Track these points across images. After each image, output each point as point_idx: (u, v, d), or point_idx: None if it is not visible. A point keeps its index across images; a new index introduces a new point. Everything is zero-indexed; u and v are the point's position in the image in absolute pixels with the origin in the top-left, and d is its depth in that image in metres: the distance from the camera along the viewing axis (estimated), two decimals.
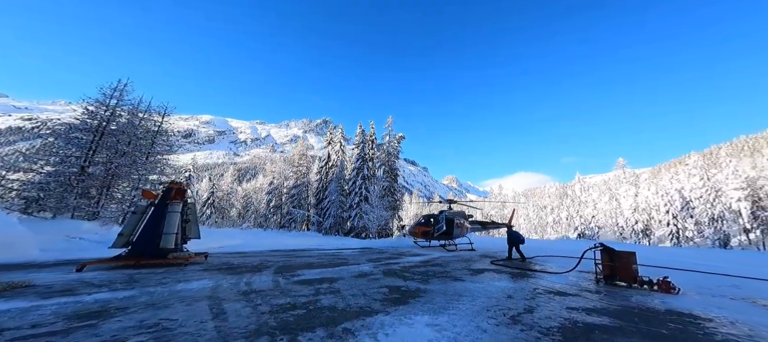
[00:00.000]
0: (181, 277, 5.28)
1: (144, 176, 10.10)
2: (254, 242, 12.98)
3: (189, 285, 4.71)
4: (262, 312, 3.47)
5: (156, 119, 11.81)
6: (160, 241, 6.45)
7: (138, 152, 10.48)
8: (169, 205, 6.89)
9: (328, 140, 39.81)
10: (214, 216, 37.35)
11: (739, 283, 7.35)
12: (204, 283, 4.92)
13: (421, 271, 7.38)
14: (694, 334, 3.33)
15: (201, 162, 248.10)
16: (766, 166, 40.53)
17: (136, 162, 10.34)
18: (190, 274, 5.60)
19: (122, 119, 10.71)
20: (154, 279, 5.05)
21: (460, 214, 16.59)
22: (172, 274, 5.52)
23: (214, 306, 3.63)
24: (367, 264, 8.23)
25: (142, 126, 11.18)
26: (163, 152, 11.96)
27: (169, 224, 6.58)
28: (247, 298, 4.07)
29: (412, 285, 5.50)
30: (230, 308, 3.57)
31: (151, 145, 11.05)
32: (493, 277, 6.92)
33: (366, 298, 4.32)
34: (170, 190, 7.26)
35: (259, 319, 3.21)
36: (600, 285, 6.28)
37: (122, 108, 10.85)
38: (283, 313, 3.46)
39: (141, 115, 11.24)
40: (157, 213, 6.81)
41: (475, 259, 11.13)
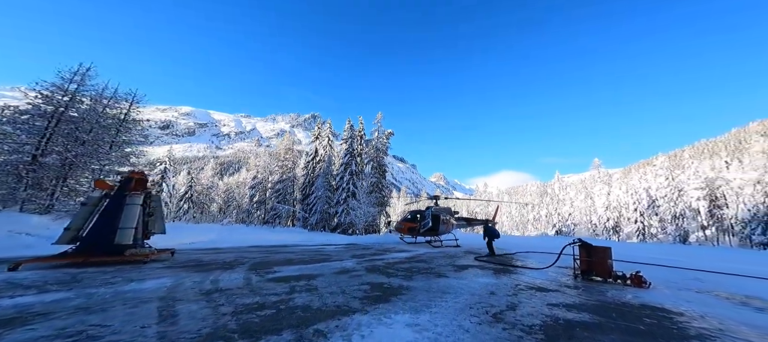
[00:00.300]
0: (136, 276, 4.80)
1: (107, 167, 9.21)
2: (232, 238, 12.37)
3: (142, 285, 4.26)
4: (222, 313, 3.15)
5: (122, 107, 10.80)
6: (116, 236, 5.82)
7: (100, 141, 9.52)
8: (127, 196, 6.21)
9: (316, 135, 39.05)
10: (192, 211, 35.56)
11: (700, 276, 7.79)
12: (161, 282, 4.48)
13: (405, 267, 7.24)
14: (669, 328, 3.37)
15: (180, 155, 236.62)
16: (722, 168, 44.06)
17: (99, 152, 9.39)
18: (147, 273, 5.12)
19: (83, 105, 9.66)
20: (100, 279, 4.54)
21: (446, 211, 16.67)
22: (124, 273, 5.02)
23: (166, 308, 3.26)
24: (350, 260, 8.00)
25: (106, 114, 10.18)
26: (132, 142, 11.00)
27: (127, 218, 5.95)
28: (210, 298, 3.72)
29: (395, 282, 5.33)
30: (184, 310, 3.21)
31: (116, 134, 10.09)
32: (476, 273, 6.90)
33: (345, 296, 4.09)
34: (129, 180, 6.56)
35: (216, 322, 2.89)
36: (578, 280, 6.41)
37: (83, 93, 9.77)
38: (248, 314, 3.15)
39: (105, 102, 10.23)
40: (112, 205, 6.13)
41: (459, 255, 11.19)
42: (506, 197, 76.50)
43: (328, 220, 32.75)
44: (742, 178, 38.33)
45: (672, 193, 41.00)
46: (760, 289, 6.18)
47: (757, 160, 36.34)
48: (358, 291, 4.48)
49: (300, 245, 12.02)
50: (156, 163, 33.86)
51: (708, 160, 51.26)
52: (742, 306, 4.61)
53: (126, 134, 10.84)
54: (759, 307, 4.54)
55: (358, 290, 4.52)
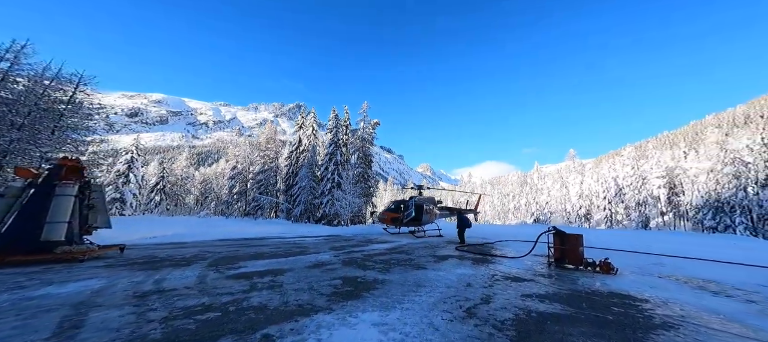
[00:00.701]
0: (60, 278, 4.21)
1: (49, 154, 8.12)
2: (202, 231, 11.62)
3: (60, 289, 3.71)
4: (148, 320, 2.73)
5: (67, 89, 9.49)
6: (43, 232, 5.09)
7: (41, 126, 8.35)
8: (57, 186, 5.41)
9: (300, 124, 37.82)
10: (165, 203, 33.59)
11: (661, 261, 8.25)
12: (88, 284, 3.94)
13: (384, 259, 7.05)
14: (635, 317, 3.38)
15: (151, 144, 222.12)
16: (681, 158, 47.65)
17: (39, 138, 8.24)
18: (77, 273, 4.53)
19: (19, 86, 8.36)
20: (10, 282, 3.94)
21: (430, 200, 16.64)
22: (49, 274, 4.40)
23: (73, 317, 2.77)
24: (328, 253, 7.69)
25: (48, 96, 8.90)
26: (81, 128, 9.79)
27: (57, 210, 5.20)
28: (142, 301, 3.27)
29: (370, 275, 5.09)
30: (97, 319, 2.74)
31: (59, 118, 8.88)
32: (455, 263, 6.84)
33: (311, 293, 3.78)
34: (59, 167, 5.74)
35: (133, 333, 2.47)
36: (551, 268, 6.51)
37: (18, 73, 8.41)
38: (184, 320, 2.75)
39: (46, 82, 8.93)
40: (38, 196, 5.35)
41: (441, 245, 11.22)
42: (489, 187, 78.92)
43: (312, 211, 32.17)
44: (697, 167, 41.67)
45: (636, 181, 43.93)
46: (713, 272, 6.58)
47: (711, 150, 39.45)
48: (327, 287, 4.19)
49: (278, 237, 11.53)
50: (122, 152, 31.39)
51: (669, 150, 55.27)
52: (700, 290, 4.81)
53: (74, 119, 9.58)
54: (715, 291, 4.76)
55: (328, 286, 4.24)
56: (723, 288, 4.99)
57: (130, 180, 29.94)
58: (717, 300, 4.19)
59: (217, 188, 37.68)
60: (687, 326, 3.12)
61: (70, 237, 5.35)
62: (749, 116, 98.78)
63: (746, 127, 73.13)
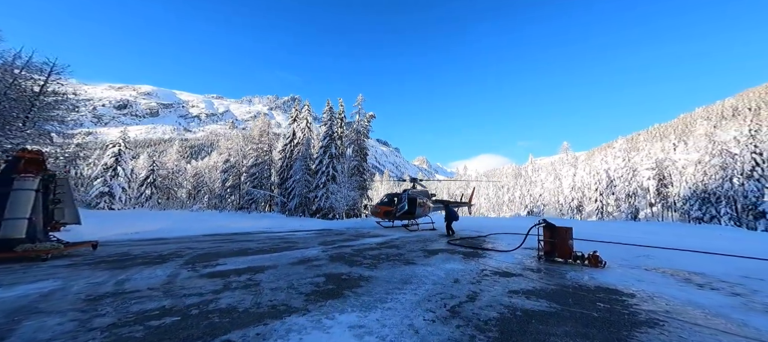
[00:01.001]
0: (10, 280, 3.96)
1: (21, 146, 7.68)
2: (188, 226, 11.35)
3: (6, 292, 3.45)
4: (90, 328, 2.51)
5: (37, 78, 8.94)
6: (0, 228, 4.83)
7: (10, 117, 7.85)
8: (15, 180, 5.11)
9: (294, 117, 37.35)
10: (156, 196, 33.04)
11: (648, 252, 8.32)
12: (41, 286, 3.70)
13: (373, 254, 6.93)
14: (621, 314, 3.31)
15: (142, 137, 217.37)
16: (670, 150, 48.40)
17: (9, 129, 7.76)
18: (33, 274, 4.28)
19: None
20: None
21: (423, 193, 16.56)
22: (1, 275, 4.14)
23: (3, 325, 2.54)
24: (316, 248, 7.55)
25: (18, 85, 8.36)
26: (58, 119, 9.29)
27: (15, 206, 4.91)
28: (92, 305, 3.05)
29: (356, 272, 4.97)
30: (29, 327, 2.50)
31: (30, 108, 8.37)
32: (445, 258, 6.76)
33: (289, 293, 3.62)
34: (17, 160, 5.40)
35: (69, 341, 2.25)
36: (541, 262, 6.48)
37: None
38: (133, 326, 2.56)
39: (17, 71, 8.38)
40: None
41: (433, 238, 11.17)
42: (484, 179, 79.46)
43: (307, 204, 32.00)
44: (686, 158, 42.39)
45: (627, 173, 44.57)
46: (699, 264, 6.63)
47: (699, 142, 40.06)
48: (308, 285, 4.04)
49: (267, 232, 11.35)
50: (109, 145, 30.60)
51: (659, 142, 56.03)
52: (685, 283, 4.81)
53: (58, 111, 9.08)
54: (700, 284, 4.76)
55: (309, 284, 4.09)
56: (708, 280, 5.00)
57: (119, 173, 29.30)
58: (702, 293, 4.17)
59: (210, 182, 37.13)
60: (671, 323, 3.06)
61: (33, 234, 5.05)
62: (737, 109, 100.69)
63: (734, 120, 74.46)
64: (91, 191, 27.49)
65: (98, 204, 26.90)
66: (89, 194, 27.40)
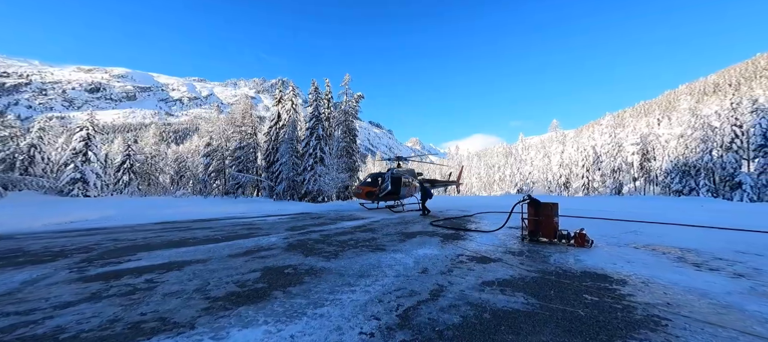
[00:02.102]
0: None
1: None
2: (141, 213, 10.31)
3: None
4: None
5: None
6: None
7: None
8: None
9: (278, 98, 35.45)
10: (136, 182, 31.48)
11: (636, 228, 7.88)
12: None
13: (342, 240, 6.19)
14: (612, 309, 2.65)
15: (120, 121, 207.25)
16: (655, 125, 48.70)
17: None
18: None
19: None
20: None
21: (409, 173, 15.77)
22: None
23: None
24: (280, 234, 6.73)
25: None
26: None
27: None
28: None
29: (308, 264, 4.19)
30: None
31: None
32: (421, 242, 6.08)
33: (187, 300, 2.79)
34: None
35: None
36: (524, 243, 5.88)
37: None
38: None
39: None
40: None
41: (417, 220, 10.54)
42: (476, 159, 79.47)
43: (296, 187, 31.12)
44: (669, 133, 42.75)
45: (613, 149, 44.89)
46: (688, 238, 6.17)
47: (683, 116, 40.19)
48: (230, 285, 3.22)
49: (237, 217, 10.42)
50: (75, 129, 28.44)
51: (644, 118, 56.29)
52: (680, 263, 4.24)
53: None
54: (696, 263, 4.19)
55: (231, 284, 3.27)
56: (703, 258, 4.46)
57: (90, 158, 27.47)
58: (702, 277, 3.59)
59: (194, 167, 35.51)
60: (675, 321, 2.41)
61: None
62: (718, 85, 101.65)
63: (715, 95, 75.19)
64: (62, 178, 25.74)
65: (71, 191, 25.33)
66: (60, 181, 25.66)
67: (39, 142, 27.19)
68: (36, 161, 26.76)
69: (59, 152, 30.65)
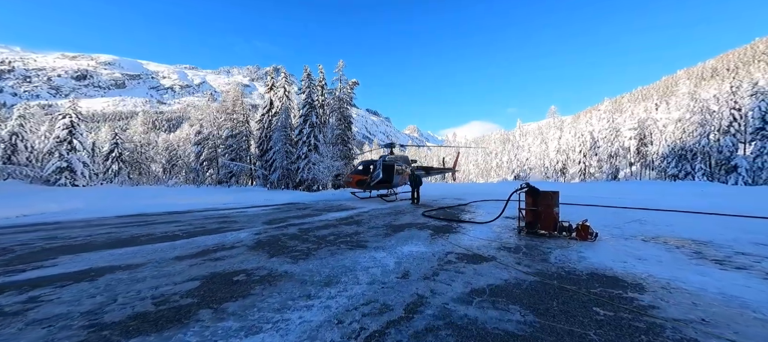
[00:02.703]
0: None
1: None
2: (108, 205, 9.56)
3: None
4: None
5: None
6: None
7: None
8: None
9: (270, 85, 34.15)
10: (127, 171, 30.65)
11: (640, 216, 7.35)
12: None
13: (320, 235, 5.57)
14: (633, 330, 2.06)
15: (110, 109, 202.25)
16: (653, 110, 47.90)
17: None
18: None
19: None
20: None
21: (402, 160, 15.04)
22: None
23: None
24: (252, 229, 6.05)
25: None
26: None
27: None
28: None
29: (269, 267, 3.55)
30: None
31: None
32: (409, 236, 5.48)
33: (54, 330, 2.10)
34: None
35: None
36: (521, 236, 5.30)
37: None
38: None
39: None
40: None
41: (408, 210, 9.95)
42: (473, 146, 78.69)
43: (291, 176, 30.46)
44: (667, 117, 42.13)
45: (611, 134, 44.34)
46: (698, 228, 5.62)
47: (682, 100, 39.43)
48: (144, 301, 2.52)
49: (214, 210, 9.70)
50: (58, 117, 27.30)
51: (642, 103, 55.37)
52: (699, 260, 3.67)
53: None
54: (718, 260, 3.63)
55: (147, 299, 2.57)
56: (724, 253, 3.91)
57: (76, 147, 26.52)
58: (732, 279, 3.01)
59: (185, 155, 34.56)
60: None
61: None
62: (717, 69, 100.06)
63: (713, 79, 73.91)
64: (47, 166, 24.92)
65: (58, 180, 24.56)
66: (45, 170, 24.86)
67: (20, 130, 26.08)
68: (19, 150, 25.74)
69: (43, 140, 29.55)
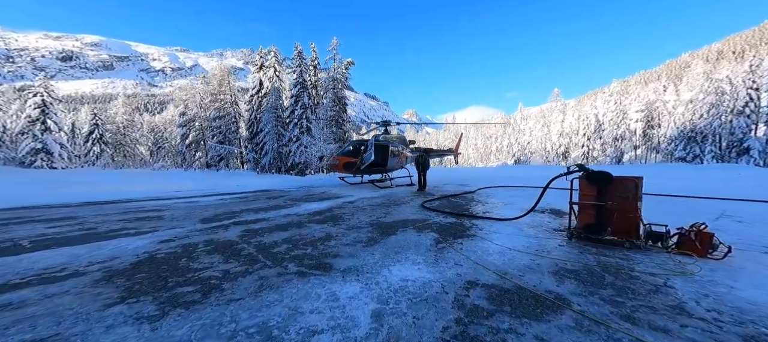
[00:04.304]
0: None
1: None
2: (38, 190, 7.60)
3: None
4: None
5: None
6: None
7: None
8: None
9: (260, 64, 31.38)
10: (111, 153, 28.68)
11: (722, 208, 5.39)
12: None
13: (267, 243, 3.57)
14: None
15: (99, 91, 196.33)
16: (661, 92, 45.12)
17: None
18: None
19: None
20: None
21: (399, 140, 12.79)
22: None
23: None
24: (171, 230, 3.96)
25: None
26: None
27: None
28: None
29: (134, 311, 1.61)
30: None
31: None
32: (403, 244, 3.51)
33: None
34: None
35: None
36: (574, 244, 3.34)
37: None
38: None
39: None
40: None
41: (405, 199, 7.97)
42: (473, 130, 75.94)
43: (282, 159, 28.43)
44: (677, 99, 39.63)
45: (617, 116, 41.97)
46: None
47: (696, 80, 36.77)
48: None
49: (158, 199, 7.61)
50: (28, 95, 25.00)
51: (652, 84, 52.30)
52: None
53: None
54: None
55: None
56: None
57: (50, 127, 24.43)
58: None
59: (171, 138, 32.29)
60: None
61: None
62: (722, 52, 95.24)
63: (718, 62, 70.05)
64: (21, 148, 23.03)
65: (33, 162, 22.79)
66: (19, 151, 23.02)
67: None
68: None
69: (15, 120, 27.17)
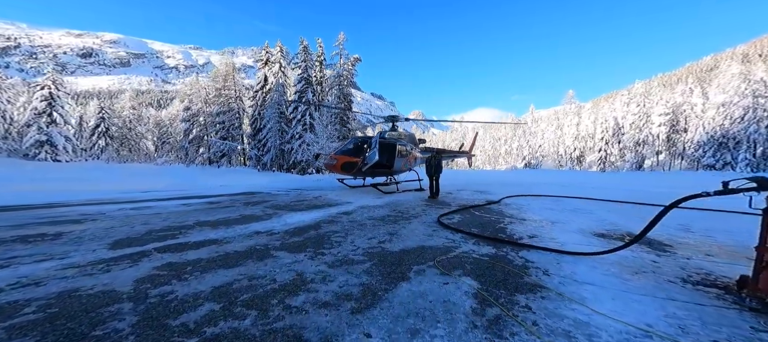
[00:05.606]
0: None
1: None
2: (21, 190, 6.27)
3: None
4: None
5: None
6: None
7: None
8: None
9: (265, 60, 30.30)
10: (116, 147, 28.19)
11: None
12: None
13: (183, 298, 2.02)
14: None
15: (116, 87, 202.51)
16: (688, 94, 41.77)
17: None
18: None
19: None
20: None
21: (408, 138, 11.04)
22: None
23: None
24: (37, 266, 2.54)
25: None
26: None
27: None
28: None
29: None
30: None
31: None
32: (422, 307, 1.87)
33: None
34: None
35: None
36: (749, 303, 1.63)
37: None
38: None
39: None
40: None
41: (415, 211, 6.29)
42: (481, 131, 73.37)
43: (285, 156, 27.20)
44: (705, 102, 36.48)
45: (640, 120, 39.01)
46: None
47: (730, 82, 33.52)
48: None
49: (117, 202, 6.19)
50: (35, 87, 24.77)
51: (678, 86, 48.76)
52: None
53: None
54: None
55: None
56: None
57: (56, 120, 24.06)
58: None
59: (176, 133, 31.68)
60: None
61: None
62: (747, 55, 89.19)
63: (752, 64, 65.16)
64: (25, 140, 22.67)
65: (37, 154, 22.41)
66: (23, 143, 22.70)
67: None
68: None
69: (21, 112, 27.01)
